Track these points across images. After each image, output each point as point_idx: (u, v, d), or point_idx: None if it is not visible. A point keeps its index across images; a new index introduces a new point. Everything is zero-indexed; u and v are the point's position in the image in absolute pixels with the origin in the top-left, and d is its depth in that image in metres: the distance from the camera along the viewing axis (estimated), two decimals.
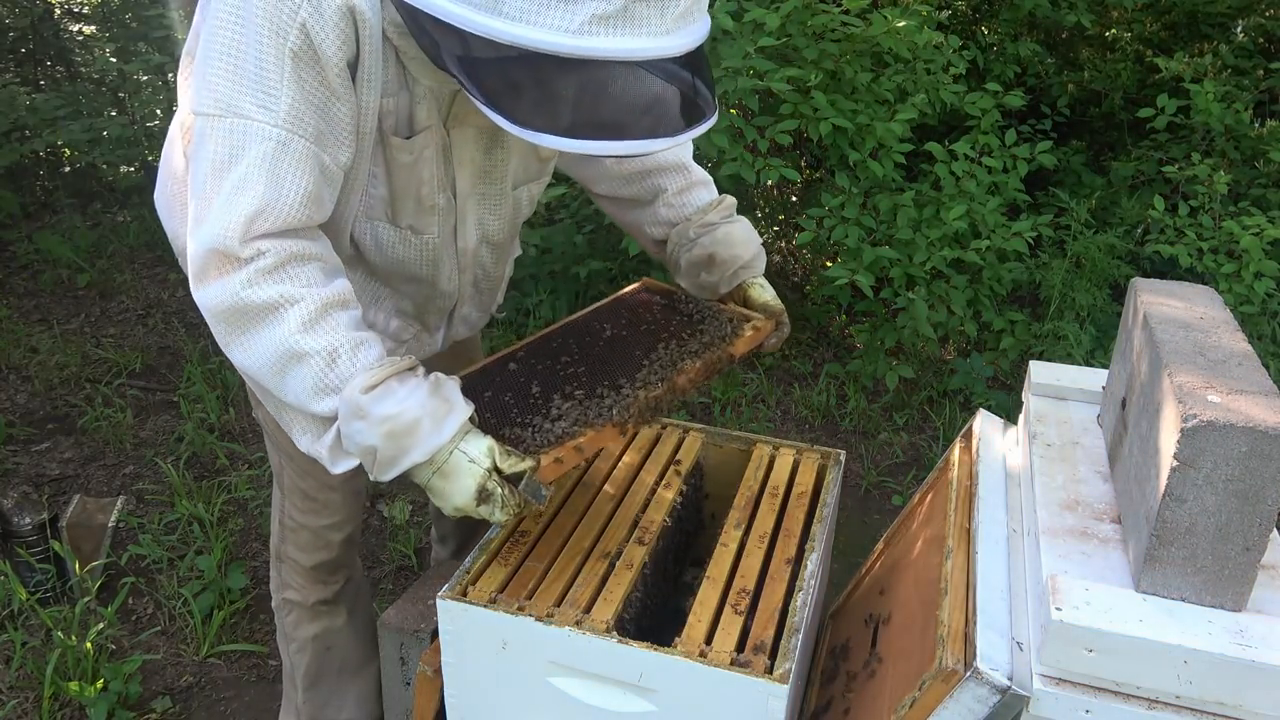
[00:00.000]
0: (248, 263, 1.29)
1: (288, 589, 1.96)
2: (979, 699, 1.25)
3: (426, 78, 1.40)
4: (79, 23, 5.92)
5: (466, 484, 1.33)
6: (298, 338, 1.30)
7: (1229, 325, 1.44)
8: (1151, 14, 5.08)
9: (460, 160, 1.54)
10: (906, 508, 2.00)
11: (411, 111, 1.43)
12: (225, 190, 1.28)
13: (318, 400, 1.33)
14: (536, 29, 1.14)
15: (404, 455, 1.32)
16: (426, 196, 1.53)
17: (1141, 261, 4.06)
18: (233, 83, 1.27)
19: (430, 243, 1.59)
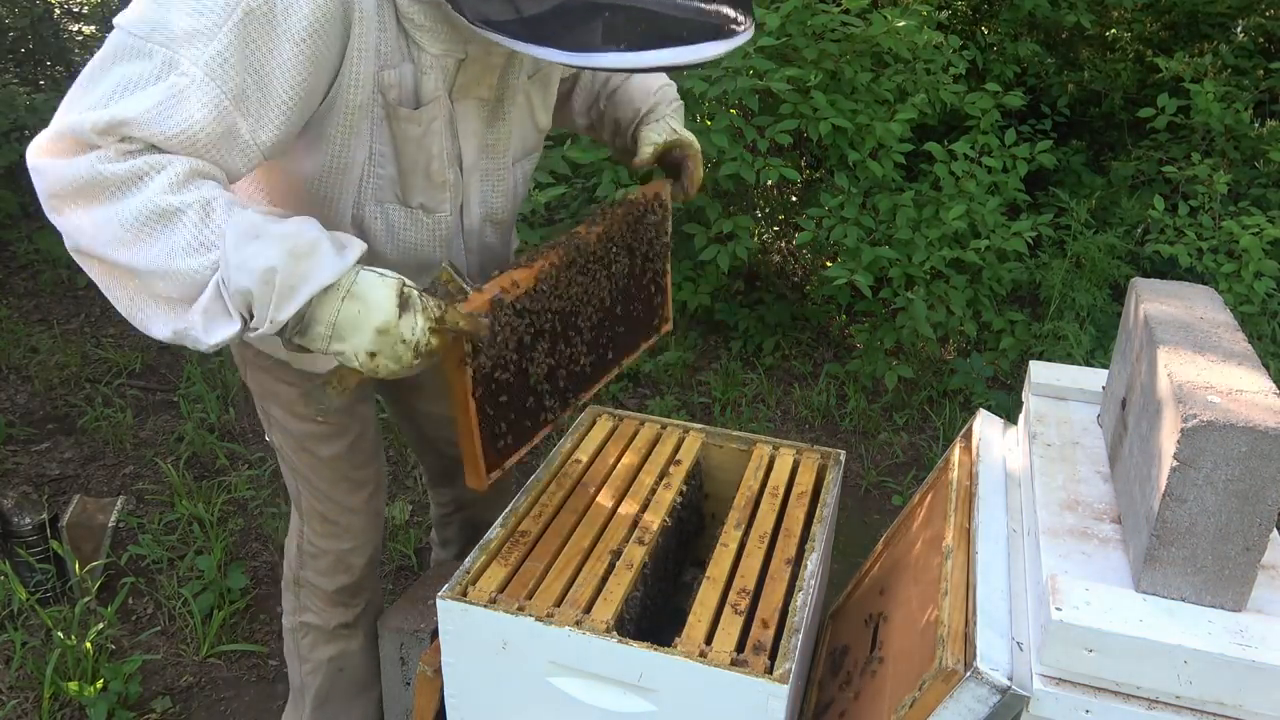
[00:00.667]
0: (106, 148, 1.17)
1: (306, 613, 1.95)
2: (979, 699, 1.25)
3: (433, 46, 1.37)
4: (79, 23, 5.92)
5: (381, 295, 1.20)
6: (165, 197, 1.15)
7: (1229, 325, 1.44)
8: (1151, 14, 5.09)
9: (465, 133, 1.52)
10: (906, 508, 2.00)
11: (417, 82, 1.40)
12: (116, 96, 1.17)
13: (190, 257, 1.15)
14: None
15: (308, 278, 1.16)
16: (437, 172, 1.50)
17: (1141, 261, 4.06)
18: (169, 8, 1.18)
19: (443, 222, 1.56)
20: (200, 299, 1.17)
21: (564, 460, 1.86)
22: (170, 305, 1.20)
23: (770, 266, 4.57)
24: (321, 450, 1.76)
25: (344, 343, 1.21)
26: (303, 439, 1.76)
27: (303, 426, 1.74)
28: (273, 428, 1.80)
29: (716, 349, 4.11)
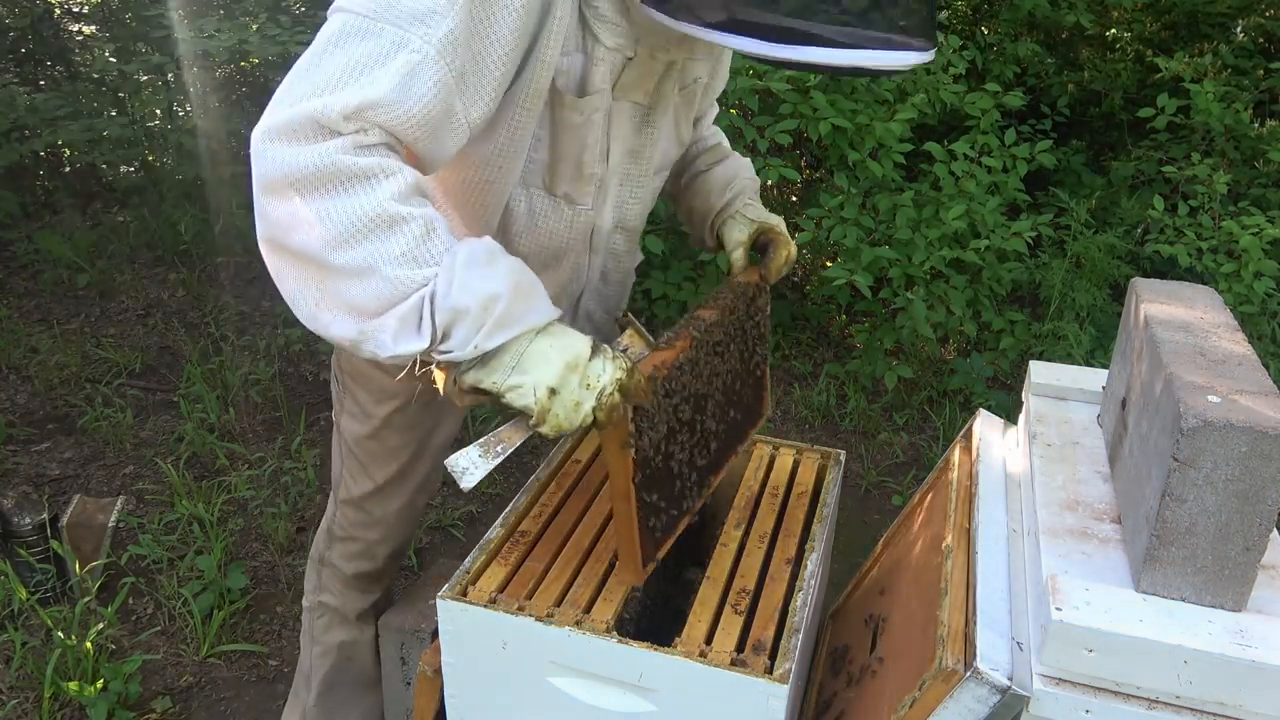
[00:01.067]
0: (347, 135, 1.16)
1: (325, 593, 1.96)
2: (979, 699, 1.25)
3: (609, 39, 1.37)
4: (79, 23, 5.92)
5: (576, 337, 1.23)
6: (394, 204, 1.16)
7: (1229, 325, 1.44)
8: (1151, 14, 5.09)
9: (615, 134, 1.51)
10: (906, 508, 2.00)
11: (586, 73, 1.39)
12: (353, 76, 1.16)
13: (404, 267, 1.16)
14: None
15: (527, 315, 1.20)
16: (587, 164, 1.49)
17: (1141, 261, 4.06)
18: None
19: (582, 214, 1.56)
20: (399, 307, 1.17)
21: (564, 460, 1.86)
22: (358, 311, 1.19)
23: None
24: (392, 440, 1.76)
25: (526, 375, 1.20)
26: (380, 427, 1.76)
27: (384, 414, 1.74)
28: (345, 411, 1.79)
29: None
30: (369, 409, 1.76)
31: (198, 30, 4.49)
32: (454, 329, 1.17)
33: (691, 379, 1.53)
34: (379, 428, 1.76)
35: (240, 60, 5.18)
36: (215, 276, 4.81)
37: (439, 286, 1.17)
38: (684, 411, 1.51)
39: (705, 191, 1.83)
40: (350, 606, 1.96)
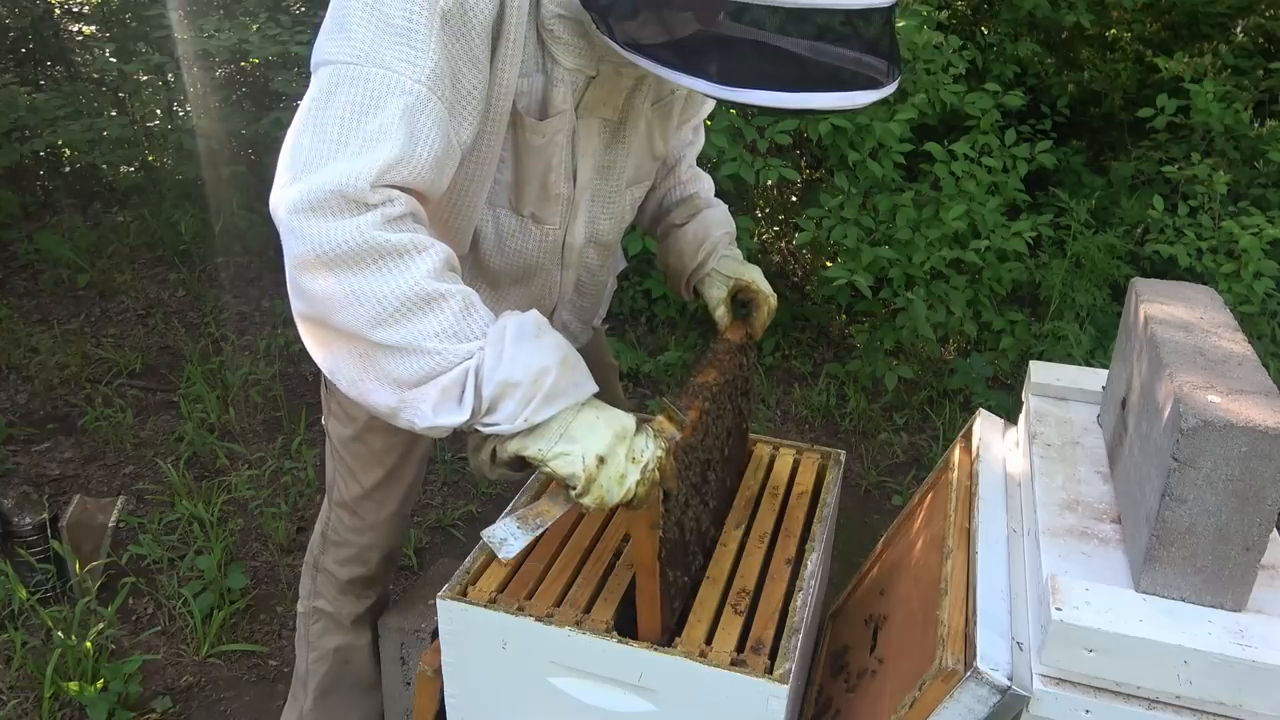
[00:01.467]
0: (376, 207, 1.17)
1: (319, 598, 1.96)
2: (979, 699, 1.25)
3: (568, 60, 1.36)
4: (79, 23, 5.92)
5: (621, 414, 1.25)
6: (431, 281, 1.17)
7: (1229, 325, 1.44)
8: (1151, 14, 5.09)
9: (583, 151, 1.51)
10: (906, 508, 2.00)
11: (546, 94, 1.39)
12: (363, 135, 1.17)
13: (449, 343, 1.18)
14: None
15: (575, 388, 1.22)
16: (553, 184, 1.49)
17: (1141, 261, 4.06)
18: (376, 34, 1.19)
19: (550, 234, 1.56)
20: (439, 380, 1.18)
21: None
22: (398, 384, 1.20)
23: (770, 266, 4.57)
24: (377, 443, 1.77)
25: (575, 444, 1.21)
26: (363, 430, 1.76)
27: (368, 416, 1.74)
28: (331, 414, 1.80)
29: None
30: (351, 411, 1.76)
31: (198, 30, 4.49)
32: (502, 402, 1.19)
33: (700, 449, 1.54)
34: (362, 430, 1.76)
35: (240, 60, 5.18)
36: (215, 276, 4.81)
37: (486, 360, 1.19)
38: (696, 480, 1.53)
39: (679, 251, 1.85)
40: (345, 612, 1.95)
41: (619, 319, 4.33)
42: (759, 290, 1.80)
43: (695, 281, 1.86)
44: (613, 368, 2.15)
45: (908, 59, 3.74)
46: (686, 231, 1.85)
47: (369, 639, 2.01)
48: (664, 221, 1.91)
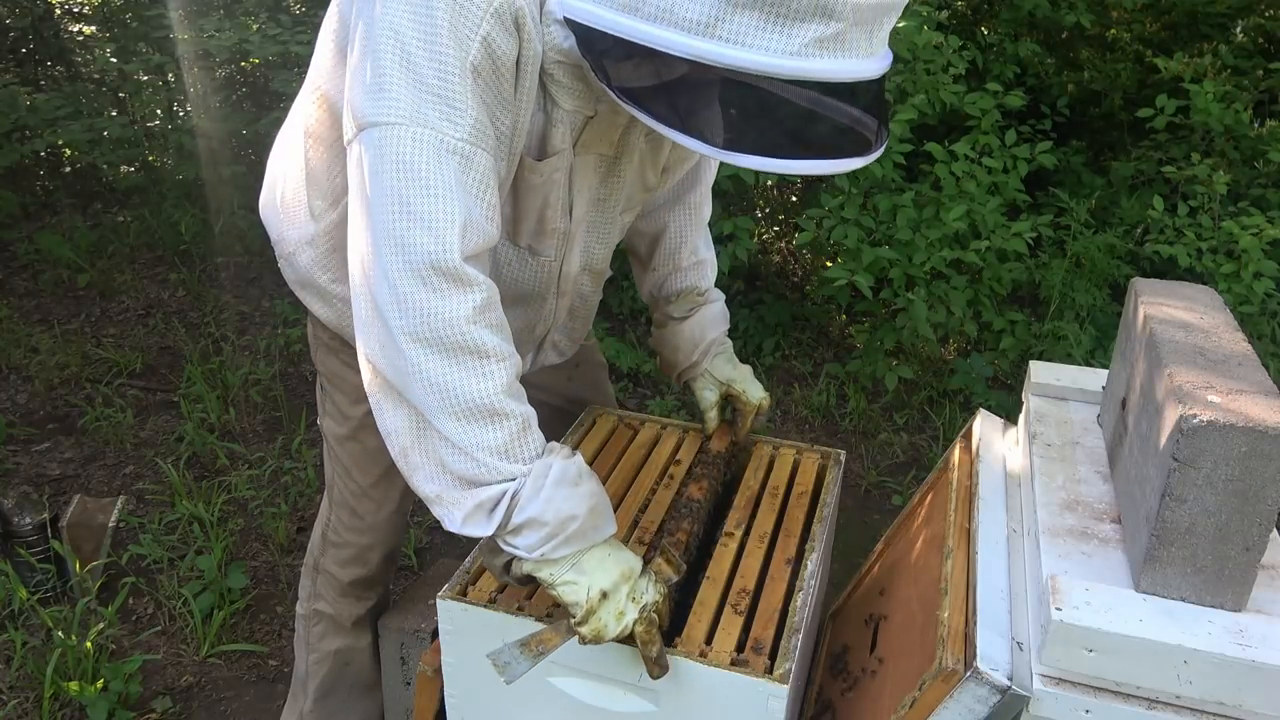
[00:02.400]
0: (468, 289, 1.25)
1: (320, 600, 1.95)
2: (979, 699, 1.25)
3: (568, 102, 1.38)
4: (79, 23, 5.93)
5: (629, 556, 1.36)
6: (502, 397, 1.27)
7: (1229, 325, 1.44)
8: (1151, 14, 5.08)
9: (580, 187, 1.52)
10: (906, 508, 2.00)
11: (545, 134, 1.41)
12: (429, 199, 1.24)
13: (499, 460, 1.28)
14: (758, 53, 1.12)
15: (595, 533, 1.32)
16: (549, 219, 1.52)
17: (1141, 261, 4.06)
18: (415, 92, 1.23)
19: (546, 265, 1.59)
20: (480, 492, 1.28)
21: None
22: (442, 469, 1.30)
23: (770, 266, 4.57)
24: (370, 441, 1.76)
25: (583, 575, 1.31)
26: (356, 429, 1.77)
27: (361, 414, 1.75)
28: (327, 414, 1.81)
29: None
30: (346, 410, 1.77)
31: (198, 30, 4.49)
32: (526, 532, 1.28)
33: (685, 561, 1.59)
34: (356, 429, 1.77)
35: (240, 60, 5.18)
36: (215, 276, 4.81)
37: (525, 490, 1.28)
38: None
39: (674, 345, 1.90)
40: (346, 614, 1.95)
41: (619, 319, 4.33)
42: (746, 401, 1.90)
43: (687, 378, 1.92)
44: (602, 365, 2.16)
45: (908, 59, 3.74)
46: (684, 329, 1.89)
47: (369, 640, 2.01)
48: (661, 309, 1.93)
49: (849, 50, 1.14)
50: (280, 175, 1.68)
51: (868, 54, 1.17)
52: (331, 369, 1.77)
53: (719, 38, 1.12)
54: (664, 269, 1.90)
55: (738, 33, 1.11)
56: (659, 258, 1.90)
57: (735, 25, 1.11)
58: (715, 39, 1.12)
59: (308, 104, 1.55)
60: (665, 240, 1.89)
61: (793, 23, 1.10)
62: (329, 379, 1.79)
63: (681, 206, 1.88)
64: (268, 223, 1.71)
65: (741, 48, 1.12)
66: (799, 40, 1.11)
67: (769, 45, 1.11)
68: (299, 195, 1.61)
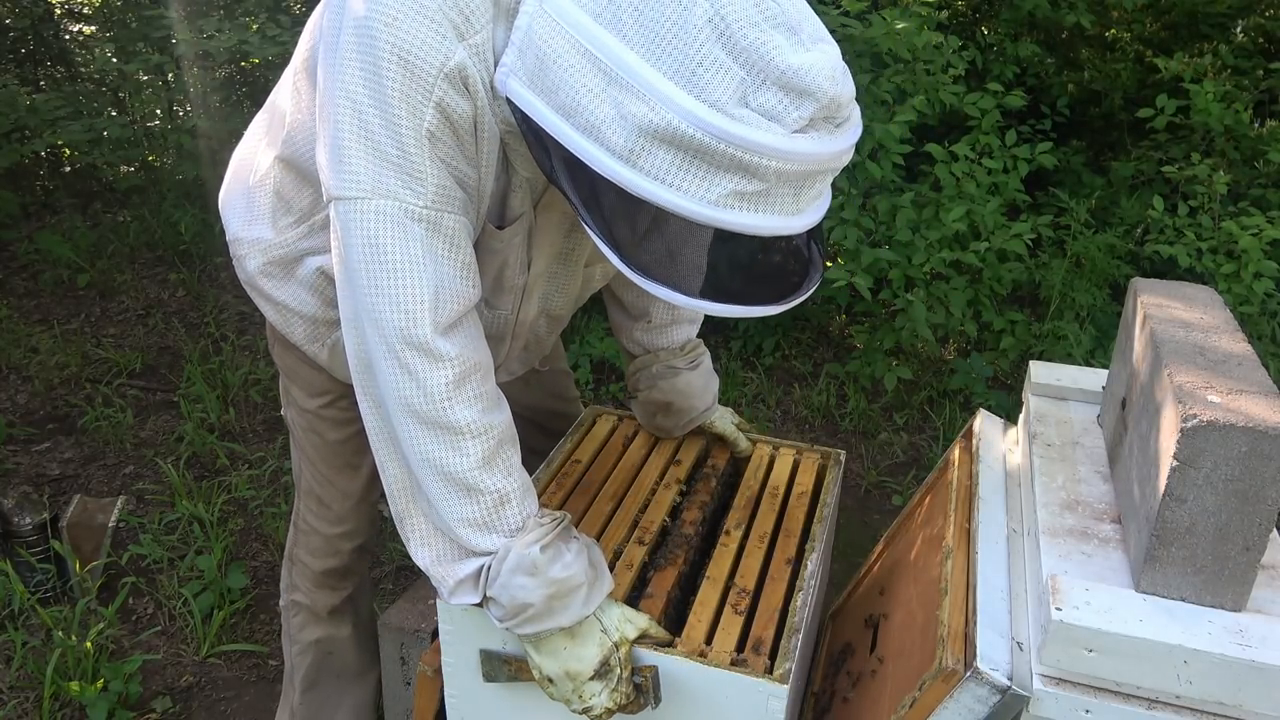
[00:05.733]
0: (441, 364, 1.29)
1: (296, 591, 1.96)
2: (979, 699, 1.25)
3: (525, 169, 1.37)
4: (79, 23, 5.92)
5: (591, 653, 1.37)
6: (477, 473, 1.32)
7: (1229, 325, 1.44)
8: (1151, 14, 5.08)
9: (540, 244, 1.51)
10: (906, 508, 2.00)
11: (505, 199, 1.40)
12: (396, 277, 1.26)
13: (473, 533, 1.35)
14: (674, 192, 1.10)
15: (553, 618, 1.35)
16: (508, 279, 1.51)
17: (1141, 261, 4.06)
18: (375, 165, 1.24)
19: (502, 316, 1.59)
20: (461, 567, 1.38)
21: (564, 460, 1.86)
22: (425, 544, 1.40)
23: None
24: (330, 434, 1.78)
25: (538, 655, 1.39)
26: (314, 421, 1.78)
27: (316, 408, 1.76)
28: (289, 405, 1.82)
29: (716, 349, 4.11)
30: (303, 403, 1.78)
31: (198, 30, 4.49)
32: (491, 606, 1.38)
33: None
34: (316, 420, 1.78)
35: (240, 60, 5.18)
36: (215, 276, 4.81)
37: (491, 569, 1.36)
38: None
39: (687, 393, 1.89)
40: (321, 604, 1.96)
41: None
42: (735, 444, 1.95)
43: (702, 420, 1.92)
44: (564, 374, 2.15)
45: (908, 59, 3.74)
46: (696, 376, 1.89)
47: (349, 630, 2.01)
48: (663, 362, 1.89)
49: (773, 207, 1.12)
50: (246, 175, 1.67)
51: (794, 212, 1.14)
52: (287, 363, 1.77)
53: (640, 169, 1.10)
54: (665, 318, 1.88)
55: (657, 169, 1.10)
56: (659, 309, 1.87)
57: (654, 161, 1.10)
58: (637, 169, 1.11)
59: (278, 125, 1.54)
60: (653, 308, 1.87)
61: (713, 171, 1.09)
62: (286, 373, 1.80)
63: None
64: (225, 216, 1.70)
65: (660, 184, 1.10)
66: (718, 190, 1.10)
67: (687, 188, 1.10)
68: (264, 202, 1.61)
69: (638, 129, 1.08)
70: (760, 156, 1.07)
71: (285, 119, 1.52)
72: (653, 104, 1.07)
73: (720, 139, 1.06)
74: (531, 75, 1.16)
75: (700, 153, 1.08)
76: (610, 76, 1.09)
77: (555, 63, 1.13)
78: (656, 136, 1.08)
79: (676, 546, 1.65)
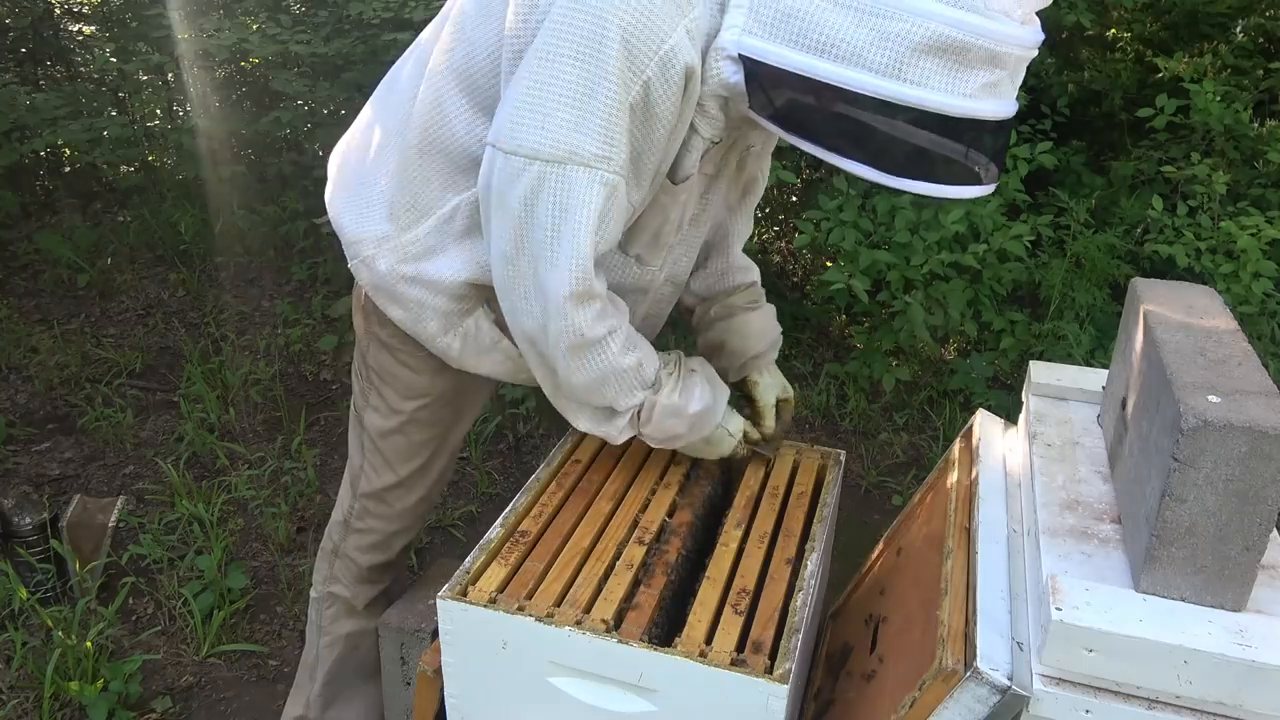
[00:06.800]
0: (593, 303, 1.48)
1: (336, 583, 1.99)
2: (979, 699, 1.25)
3: (707, 130, 1.47)
4: (79, 23, 5.92)
5: (723, 449, 1.77)
6: (618, 358, 1.54)
7: (1229, 325, 1.44)
8: (1151, 14, 5.08)
9: (686, 204, 1.63)
10: (906, 508, 2.00)
11: (679, 158, 1.50)
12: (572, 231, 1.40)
13: (624, 398, 1.59)
14: (939, 93, 1.27)
15: (696, 433, 1.70)
16: (665, 235, 1.64)
17: (1141, 261, 4.05)
18: (577, 128, 1.35)
19: (649, 273, 1.70)
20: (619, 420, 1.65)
21: (564, 460, 1.86)
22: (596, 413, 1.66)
23: (770, 266, 4.57)
24: (416, 435, 1.83)
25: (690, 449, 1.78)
26: (404, 424, 1.82)
27: (411, 410, 1.81)
28: (370, 406, 1.84)
29: None
30: (396, 405, 1.81)
31: (198, 30, 4.49)
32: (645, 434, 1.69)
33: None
34: (405, 423, 1.82)
35: (240, 60, 5.18)
36: (215, 276, 4.81)
37: (644, 411, 1.64)
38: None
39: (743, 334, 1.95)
40: (361, 597, 1.99)
41: None
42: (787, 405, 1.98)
43: (751, 369, 1.95)
44: None
45: None
46: (753, 318, 1.95)
47: (376, 625, 2.04)
48: (721, 302, 1.96)
49: (1003, 94, 1.31)
50: (364, 173, 1.69)
51: (1011, 98, 1.34)
52: (383, 365, 1.79)
53: (905, 79, 1.26)
54: (720, 265, 1.96)
55: (921, 76, 1.26)
56: (715, 257, 1.95)
57: (919, 70, 1.25)
58: (902, 80, 1.26)
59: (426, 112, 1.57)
60: (723, 242, 1.95)
61: (968, 69, 1.26)
62: (380, 375, 1.81)
63: (738, 212, 1.94)
64: (340, 219, 1.71)
65: (925, 89, 1.26)
66: (972, 84, 1.27)
67: (948, 88, 1.27)
68: (384, 198, 1.64)
69: (902, 45, 1.24)
70: (1007, 45, 1.26)
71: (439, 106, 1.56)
72: (913, 20, 1.23)
73: (979, 35, 1.23)
74: (772, 28, 1.30)
75: (959, 53, 1.24)
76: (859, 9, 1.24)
77: (799, 10, 1.27)
78: (919, 48, 1.24)
79: (675, 547, 1.65)
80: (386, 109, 1.69)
